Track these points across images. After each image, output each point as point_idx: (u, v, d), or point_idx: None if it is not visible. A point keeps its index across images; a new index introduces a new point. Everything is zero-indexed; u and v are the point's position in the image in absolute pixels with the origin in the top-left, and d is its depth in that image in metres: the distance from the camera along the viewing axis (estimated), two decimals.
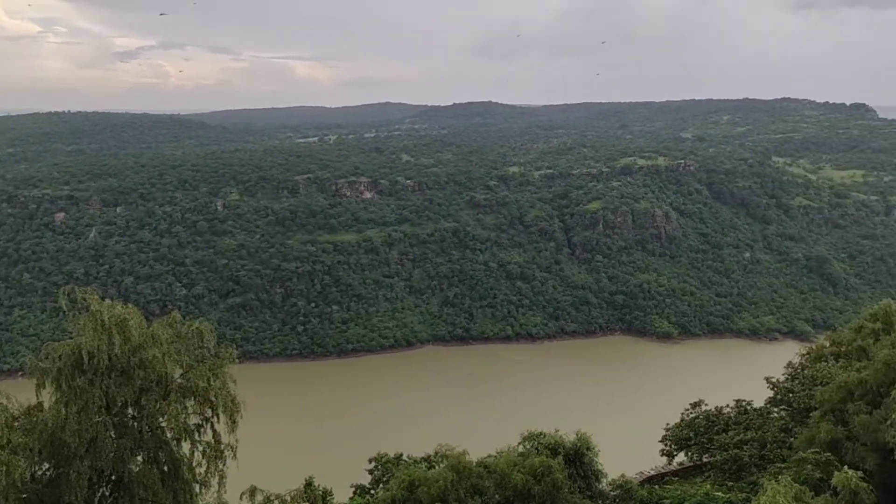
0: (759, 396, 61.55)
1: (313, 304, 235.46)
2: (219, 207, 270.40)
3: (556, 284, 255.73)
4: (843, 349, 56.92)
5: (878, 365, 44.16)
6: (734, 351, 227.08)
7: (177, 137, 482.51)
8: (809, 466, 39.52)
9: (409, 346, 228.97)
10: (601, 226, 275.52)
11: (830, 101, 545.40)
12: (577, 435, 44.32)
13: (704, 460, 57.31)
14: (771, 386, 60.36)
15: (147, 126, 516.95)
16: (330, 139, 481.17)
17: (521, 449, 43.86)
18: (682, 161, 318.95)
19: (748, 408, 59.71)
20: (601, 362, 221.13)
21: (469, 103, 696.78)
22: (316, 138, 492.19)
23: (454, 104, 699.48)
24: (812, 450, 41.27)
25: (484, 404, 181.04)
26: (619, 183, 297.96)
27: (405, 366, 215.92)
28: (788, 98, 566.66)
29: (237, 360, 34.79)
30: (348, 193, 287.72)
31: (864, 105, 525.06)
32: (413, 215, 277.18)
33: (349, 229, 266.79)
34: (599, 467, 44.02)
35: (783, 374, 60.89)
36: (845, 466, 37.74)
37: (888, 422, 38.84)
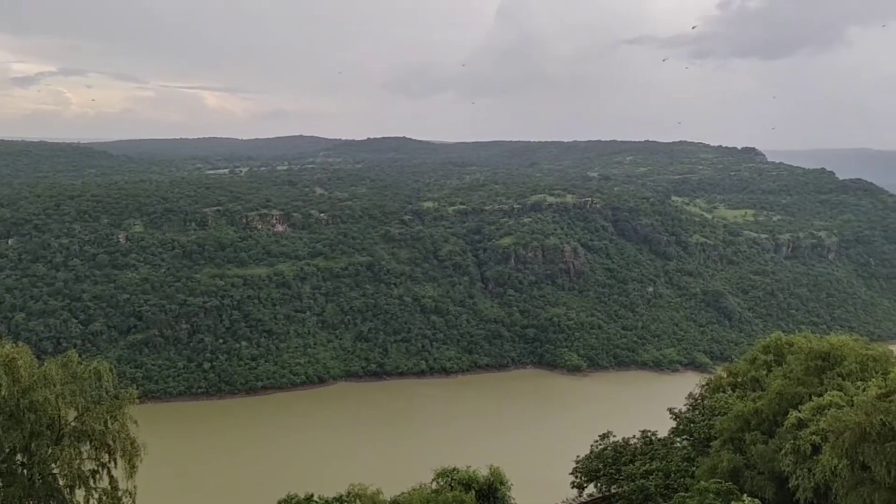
0: (663, 427, 63.74)
1: (221, 340, 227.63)
2: (121, 240, 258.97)
3: (470, 318, 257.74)
4: (739, 380, 59.76)
5: (772, 395, 46.81)
6: (640, 383, 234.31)
7: (77, 167, 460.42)
8: (711, 495, 41.17)
9: (322, 382, 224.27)
10: (513, 260, 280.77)
11: (724, 145, 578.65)
12: (489, 469, 44.54)
13: (613, 491, 58.50)
14: (674, 416, 62.77)
15: (45, 154, 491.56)
16: (241, 171, 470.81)
17: (434, 485, 43.66)
18: (589, 199, 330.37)
19: (653, 438, 61.73)
20: (513, 396, 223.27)
21: (384, 138, 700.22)
22: (227, 170, 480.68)
23: (369, 139, 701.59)
24: (714, 479, 43.02)
25: (397, 441, 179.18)
26: (530, 219, 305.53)
27: (317, 403, 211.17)
28: (685, 141, 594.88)
29: (138, 401, 33.33)
30: (259, 226, 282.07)
31: (754, 149, 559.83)
32: (326, 249, 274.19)
33: (260, 263, 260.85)
34: (512, 501, 44.29)
35: (685, 405, 63.44)
36: (745, 495, 39.50)
37: (782, 451, 41.01)
